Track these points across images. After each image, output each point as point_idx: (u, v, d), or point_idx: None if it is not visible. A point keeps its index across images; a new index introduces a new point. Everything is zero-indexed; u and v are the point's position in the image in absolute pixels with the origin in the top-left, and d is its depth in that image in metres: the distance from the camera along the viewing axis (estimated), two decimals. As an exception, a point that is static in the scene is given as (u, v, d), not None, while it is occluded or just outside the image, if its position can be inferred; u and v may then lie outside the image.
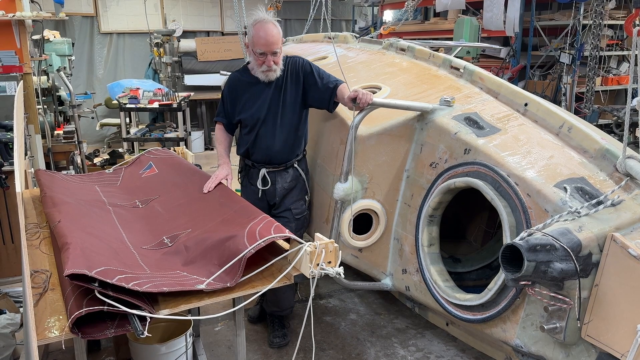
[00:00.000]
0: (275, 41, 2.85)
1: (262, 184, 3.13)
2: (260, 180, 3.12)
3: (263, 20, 2.88)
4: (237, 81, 3.10)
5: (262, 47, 2.85)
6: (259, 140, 3.07)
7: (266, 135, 3.05)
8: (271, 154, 3.08)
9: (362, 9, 11.19)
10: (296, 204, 3.19)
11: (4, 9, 4.21)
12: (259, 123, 3.04)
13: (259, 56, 2.89)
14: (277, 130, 3.04)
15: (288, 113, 3.03)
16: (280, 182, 3.13)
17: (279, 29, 2.88)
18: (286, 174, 3.13)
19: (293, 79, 3.02)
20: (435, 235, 2.76)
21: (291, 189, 3.17)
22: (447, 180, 2.62)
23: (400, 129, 2.94)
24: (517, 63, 7.10)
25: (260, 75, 2.96)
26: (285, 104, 3.02)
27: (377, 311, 3.72)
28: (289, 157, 3.11)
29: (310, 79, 3.01)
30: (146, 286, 1.82)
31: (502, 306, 2.32)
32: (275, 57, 2.89)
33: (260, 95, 3.03)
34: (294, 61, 3.05)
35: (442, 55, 3.44)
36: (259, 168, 3.12)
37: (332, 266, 2.04)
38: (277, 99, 3.01)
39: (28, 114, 4.41)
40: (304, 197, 3.22)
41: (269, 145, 3.06)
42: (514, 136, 2.55)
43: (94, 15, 9.15)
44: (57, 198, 2.66)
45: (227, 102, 3.14)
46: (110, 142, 8.63)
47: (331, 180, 3.18)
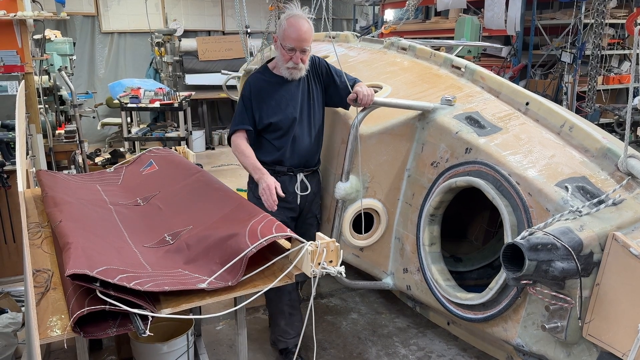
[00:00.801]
0: (307, 38, 2.72)
1: (302, 190, 2.93)
2: (298, 186, 2.92)
3: (297, 15, 2.75)
4: (260, 82, 2.88)
5: (292, 42, 2.70)
6: (296, 142, 2.87)
7: (302, 136, 2.88)
8: (308, 156, 2.92)
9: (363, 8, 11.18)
10: (318, 209, 3.12)
11: (5, 9, 4.22)
12: (295, 124, 2.85)
13: (288, 51, 2.74)
14: (311, 130, 2.90)
15: (317, 112, 2.92)
16: (312, 187, 2.97)
17: (312, 27, 2.76)
18: (315, 178, 3.02)
19: (315, 77, 2.92)
20: (436, 234, 2.76)
21: (316, 194, 3.05)
22: (449, 179, 2.62)
23: (402, 128, 2.95)
24: (518, 62, 7.09)
25: (284, 72, 2.80)
26: (314, 102, 2.90)
27: (378, 310, 3.73)
28: (318, 159, 3.02)
29: (329, 77, 2.92)
30: (148, 285, 1.82)
31: (504, 305, 2.32)
32: (304, 55, 2.75)
33: (290, 94, 2.85)
34: (317, 60, 2.95)
35: (443, 55, 3.44)
36: (296, 173, 2.91)
37: (333, 265, 2.05)
38: (307, 97, 2.88)
39: (30, 114, 4.42)
40: (319, 201, 3.15)
41: (306, 146, 2.89)
42: (515, 135, 2.55)
43: (95, 14, 9.16)
44: (59, 198, 2.66)
45: (252, 106, 2.85)
46: (112, 141, 8.64)
47: (332, 180, 3.18)
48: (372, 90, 2.80)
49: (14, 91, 4.16)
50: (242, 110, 2.88)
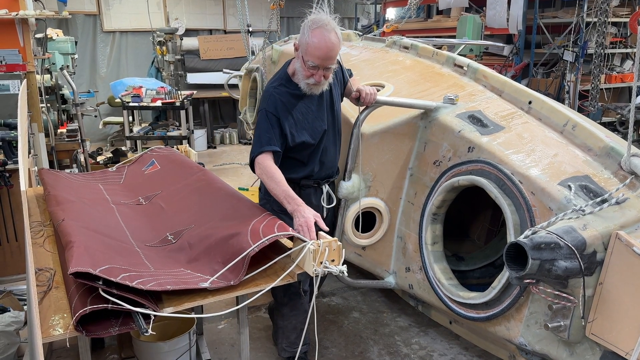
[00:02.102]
0: (333, 56, 2.38)
1: (328, 202, 2.77)
2: (325, 198, 2.75)
3: (324, 27, 2.35)
4: (286, 96, 2.55)
5: (316, 60, 2.37)
6: (325, 154, 2.67)
7: (329, 147, 2.68)
8: (333, 166, 2.75)
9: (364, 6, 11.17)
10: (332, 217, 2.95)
11: (7, 8, 4.22)
12: (325, 136, 2.63)
13: (309, 68, 2.42)
14: (336, 139, 2.72)
15: (338, 118, 2.71)
16: (333, 197, 2.83)
17: (340, 39, 2.39)
18: (333, 186, 2.87)
19: (335, 81, 2.67)
20: (438, 233, 2.76)
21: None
22: (451, 178, 2.62)
23: (404, 127, 2.94)
24: (521, 61, 7.08)
25: (302, 85, 2.50)
26: (336, 109, 2.68)
27: (380, 309, 3.72)
28: (336, 167, 2.84)
29: (343, 76, 2.75)
30: (150, 284, 1.82)
31: (506, 304, 2.32)
32: (328, 72, 2.44)
33: (316, 105, 2.60)
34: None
35: (445, 53, 3.43)
36: (321, 185, 2.75)
37: (335, 264, 2.04)
38: (331, 105, 2.66)
39: (32, 113, 4.42)
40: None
41: (332, 157, 2.72)
42: (518, 134, 2.54)
43: (97, 13, 9.16)
44: (61, 197, 2.66)
45: (280, 123, 2.52)
46: (113, 140, 8.65)
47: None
48: (374, 89, 2.75)
49: (16, 90, 4.16)
50: (267, 129, 2.50)
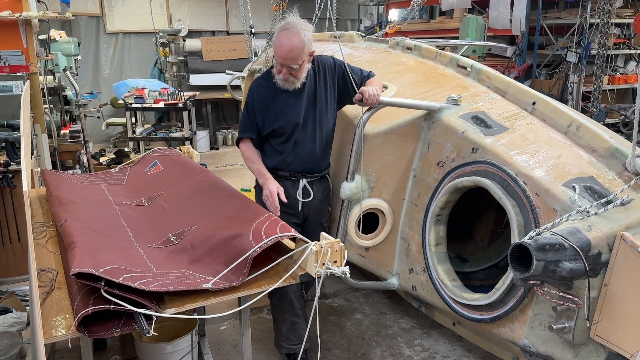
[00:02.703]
0: (294, 57, 2.57)
1: (304, 196, 2.86)
2: (300, 191, 2.85)
3: (289, 29, 2.57)
4: (263, 88, 2.80)
5: (278, 59, 2.62)
6: (298, 147, 2.80)
7: (305, 141, 2.80)
8: (312, 162, 2.85)
9: (367, 8, 11.17)
10: (326, 217, 3.03)
11: (10, 9, 4.22)
12: (297, 129, 2.78)
13: (276, 66, 2.67)
14: (316, 135, 2.82)
15: (324, 116, 2.82)
16: (317, 193, 2.90)
17: (302, 42, 2.55)
18: (322, 184, 2.93)
19: (325, 80, 2.80)
20: (442, 234, 2.74)
21: (323, 201, 2.96)
22: (455, 179, 2.60)
23: (407, 128, 2.93)
24: (524, 62, 7.07)
25: (277, 80, 2.73)
26: (320, 106, 2.80)
27: (382, 311, 3.71)
28: (325, 166, 2.93)
29: (344, 77, 2.82)
30: (152, 285, 1.81)
31: (510, 306, 2.31)
32: (293, 71, 2.64)
33: (293, 99, 2.77)
34: (324, 62, 2.83)
35: (449, 54, 3.42)
36: (299, 179, 2.86)
37: (338, 265, 2.03)
38: (313, 102, 2.79)
39: (34, 114, 4.42)
40: (328, 208, 3.06)
41: (309, 152, 2.82)
42: (522, 135, 2.53)
43: (100, 15, 9.18)
44: (64, 197, 2.66)
45: (255, 113, 2.81)
46: (116, 141, 8.66)
47: (338, 180, 3.16)
48: (378, 89, 2.74)
49: (19, 91, 4.16)
50: (245, 117, 2.85)
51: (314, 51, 2.70)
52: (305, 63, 2.65)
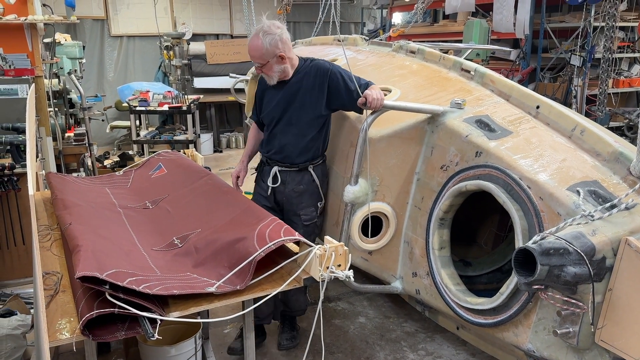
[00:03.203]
0: (254, 56, 2.88)
1: (272, 182, 3.09)
2: (270, 178, 3.09)
3: (255, 32, 2.89)
4: (263, 80, 3.09)
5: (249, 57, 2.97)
6: (273, 138, 3.09)
7: (280, 134, 3.06)
8: (284, 154, 3.06)
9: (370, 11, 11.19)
10: (306, 210, 3.11)
11: (16, 13, 4.25)
12: (273, 121, 3.06)
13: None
14: (290, 130, 3.02)
15: (302, 116, 2.99)
16: (291, 184, 3.07)
17: (263, 42, 2.83)
18: (298, 176, 3.07)
19: (314, 84, 2.96)
20: (446, 238, 2.74)
21: (302, 193, 3.09)
22: (459, 183, 2.60)
23: (411, 131, 2.93)
24: (527, 65, 7.07)
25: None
26: (299, 106, 2.98)
27: (386, 314, 3.70)
28: (301, 160, 3.05)
29: (337, 83, 2.93)
30: (157, 289, 1.82)
31: (514, 310, 2.30)
32: (262, 67, 2.91)
33: (277, 94, 3.04)
34: (318, 66, 2.98)
35: (452, 58, 3.42)
36: (272, 166, 3.10)
37: (341, 269, 2.04)
38: (292, 100, 2.99)
39: (39, 117, 4.45)
40: (315, 204, 3.13)
41: (282, 144, 3.05)
42: (526, 139, 2.53)
43: (105, 18, 9.22)
44: (68, 200, 2.67)
45: (258, 100, 3.22)
46: (120, 144, 8.69)
47: (341, 183, 3.17)
48: (381, 94, 2.79)
49: (25, 94, 4.19)
50: (255, 103, 3.26)
51: (282, 54, 2.87)
52: (271, 63, 2.89)
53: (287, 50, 2.91)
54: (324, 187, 3.16)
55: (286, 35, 2.91)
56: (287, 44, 2.90)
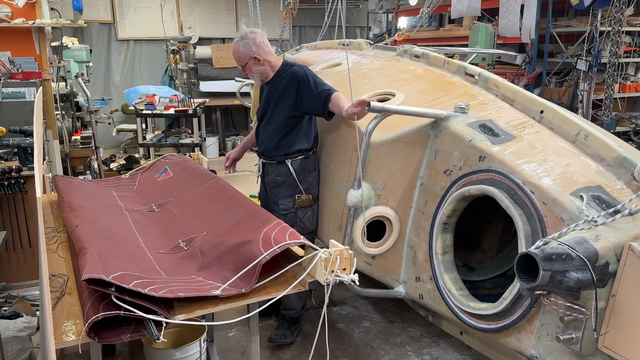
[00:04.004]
0: (235, 58, 3.25)
1: (258, 171, 3.55)
2: (259, 166, 3.51)
3: (236, 38, 3.22)
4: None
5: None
6: (259, 134, 3.46)
7: (262, 130, 3.42)
8: (265, 147, 3.40)
9: (376, 15, 11.21)
10: (283, 200, 3.34)
11: (24, 16, 4.29)
12: (260, 119, 3.44)
13: None
14: (267, 128, 3.37)
15: (275, 115, 3.31)
16: (271, 175, 3.39)
17: (239, 47, 3.18)
18: (276, 168, 3.35)
19: (287, 86, 3.23)
20: (449, 243, 2.74)
21: (279, 184, 3.35)
22: (462, 187, 2.61)
23: (414, 135, 2.94)
24: (533, 70, 7.06)
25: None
26: (274, 105, 3.30)
27: (390, 319, 3.71)
28: (277, 154, 3.34)
29: (304, 87, 3.18)
30: (162, 291, 1.83)
31: (517, 315, 2.30)
32: (244, 69, 3.26)
33: (265, 94, 3.39)
34: (294, 70, 3.25)
35: (456, 62, 3.43)
36: (260, 158, 3.49)
37: (346, 273, 2.04)
38: (270, 100, 3.32)
39: (47, 120, 4.49)
40: (292, 196, 3.34)
41: (262, 139, 3.43)
42: (530, 143, 2.53)
43: (112, 22, 9.28)
44: (75, 203, 2.69)
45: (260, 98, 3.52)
46: (126, 147, 8.73)
47: (344, 187, 3.18)
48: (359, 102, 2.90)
49: (32, 97, 4.23)
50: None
51: (257, 56, 3.18)
52: (250, 65, 3.21)
53: (263, 53, 3.20)
54: (302, 181, 3.34)
55: (260, 39, 3.19)
56: (261, 47, 3.18)
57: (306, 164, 3.34)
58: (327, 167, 3.42)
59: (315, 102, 3.16)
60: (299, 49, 5.88)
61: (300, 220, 3.37)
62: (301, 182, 3.33)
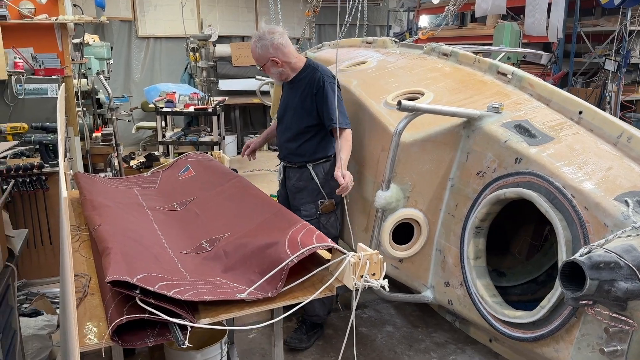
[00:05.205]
0: (254, 58, 3.14)
1: (279, 176, 3.41)
2: (280, 169, 3.38)
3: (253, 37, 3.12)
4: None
5: None
6: (279, 135, 3.36)
7: (280, 134, 3.32)
8: (285, 151, 3.30)
9: (397, 14, 11.09)
10: (305, 206, 3.23)
11: (47, 13, 4.27)
12: (279, 120, 3.34)
13: None
14: (286, 133, 3.25)
15: (293, 118, 3.19)
16: (292, 179, 3.27)
17: (255, 47, 3.07)
18: (298, 172, 3.24)
19: (306, 89, 3.11)
20: (482, 247, 2.64)
21: (301, 189, 3.24)
22: (496, 190, 2.50)
23: (445, 136, 2.84)
24: (559, 70, 6.90)
25: None
26: (295, 108, 3.18)
27: (414, 324, 3.61)
28: (297, 160, 3.23)
29: (319, 98, 3.06)
30: (187, 294, 1.77)
31: (556, 325, 2.19)
32: (263, 69, 3.17)
33: (285, 94, 3.30)
34: (314, 74, 3.10)
35: (488, 61, 3.31)
36: (281, 160, 3.38)
37: (376, 278, 1.96)
38: (289, 104, 3.22)
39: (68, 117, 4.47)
40: (315, 202, 3.22)
41: (282, 142, 3.31)
42: (569, 145, 2.42)
43: (132, 19, 9.30)
44: (97, 201, 2.65)
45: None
46: (146, 145, 8.74)
47: (372, 188, 3.09)
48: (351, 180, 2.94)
49: (54, 94, 4.21)
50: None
51: (274, 59, 3.05)
52: (268, 66, 3.10)
53: (281, 55, 3.05)
54: (325, 187, 3.21)
55: (279, 40, 3.02)
56: (279, 49, 3.03)
57: (329, 169, 3.21)
58: (353, 167, 3.33)
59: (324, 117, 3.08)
60: (320, 47, 5.80)
61: (324, 226, 3.24)
62: (323, 187, 3.20)
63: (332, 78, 3.06)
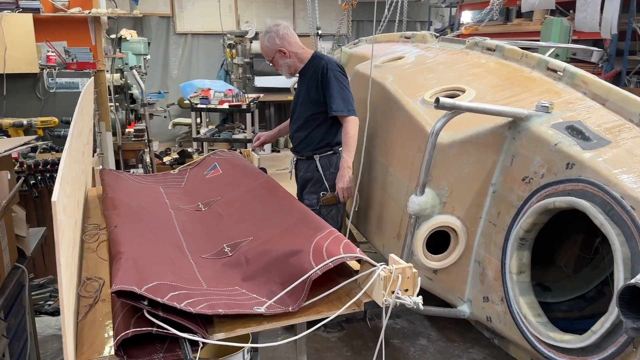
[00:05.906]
0: (263, 53, 3.27)
1: (291, 167, 3.54)
2: (293, 161, 3.51)
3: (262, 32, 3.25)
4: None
5: None
6: (291, 126, 3.45)
7: (292, 125, 3.40)
8: (294, 141, 3.41)
9: (438, 10, 10.78)
10: (309, 196, 3.31)
11: (80, 6, 4.25)
12: (291, 113, 3.43)
13: None
14: (296, 122, 3.33)
15: (301, 108, 3.28)
16: (301, 171, 3.38)
17: (263, 42, 3.19)
18: (306, 163, 3.33)
19: (312, 78, 3.18)
20: (526, 261, 2.41)
21: (308, 180, 3.33)
22: (545, 198, 2.27)
23: (488, 137, 2.62)
24: (611, 68, 6.50)
25: None
26: (301, 99, 3.28)
27: (450, 338, 3.39)
28: (305, 150, 3.31)
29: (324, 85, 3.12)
30: (200, 306, 1.63)
31: (609, 353, 1.96)
32: (273, 64, 3.28)
33: (298, 87, 3.39)
34: (319, 63, 3.17)
35: (536, 56, 3.06)
36: (294, 152, 3.48)
37: (409, 294, 1.78)
38: (299, 93, 3.31)
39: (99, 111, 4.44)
40: (317, 192, 3.28)
41: (292, 135, 3.43)
42: (628, 150, 2.17)
43: (170, 15, 9.33)
44: (118, 200, 2.56)
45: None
46: (182, 141, 8.75)
47: (404, 192, 2.90)
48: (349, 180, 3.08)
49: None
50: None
51: (282, 50, 3.15)
52: (277, 59, 3.20)
53: (287, 44, 3.15)
54: (330, 179, 3.25)
55: (284, 31, 3.13)
56: (285, 38, 3.13)
57: (333, 160, 3.26)
58: (385, 168, 3.14)
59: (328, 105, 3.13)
60: (357, 42, 5.61)
61: (324, 218, 3.10)
62: (326, 179, 3.25)
63: (336, 66, 3.16)
